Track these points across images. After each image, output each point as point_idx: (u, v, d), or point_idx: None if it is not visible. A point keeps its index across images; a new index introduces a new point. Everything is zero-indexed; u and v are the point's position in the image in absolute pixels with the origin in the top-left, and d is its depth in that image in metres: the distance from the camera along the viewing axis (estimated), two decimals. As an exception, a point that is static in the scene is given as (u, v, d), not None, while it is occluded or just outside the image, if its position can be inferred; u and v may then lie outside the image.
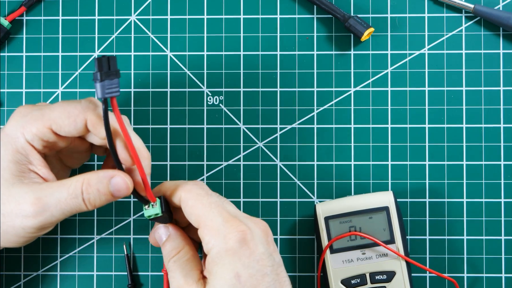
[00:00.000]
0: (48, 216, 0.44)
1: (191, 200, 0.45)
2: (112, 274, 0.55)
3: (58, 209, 0.44)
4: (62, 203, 0.44)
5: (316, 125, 0.56)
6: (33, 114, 0.45)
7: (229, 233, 0.44)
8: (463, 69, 0.55)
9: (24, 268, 0.56)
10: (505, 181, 0.55)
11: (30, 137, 0.44)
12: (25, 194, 0.44)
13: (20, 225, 0.44)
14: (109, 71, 0.42)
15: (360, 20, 0.54)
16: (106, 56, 0.42)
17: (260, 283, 0.44)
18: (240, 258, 0.43)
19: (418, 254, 0.55)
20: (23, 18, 0.56)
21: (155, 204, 0.46)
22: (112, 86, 0.42)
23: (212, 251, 0.44)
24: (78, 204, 0.44)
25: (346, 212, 0.52)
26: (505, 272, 0.55)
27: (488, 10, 0.54)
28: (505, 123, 0.55)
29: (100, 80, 0.42)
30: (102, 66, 0.42)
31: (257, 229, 0.45)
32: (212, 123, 0.56)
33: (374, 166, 0.55)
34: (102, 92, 0.42)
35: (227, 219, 0.44)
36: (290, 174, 0.55)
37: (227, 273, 0.43)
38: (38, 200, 0.43)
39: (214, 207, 0.45)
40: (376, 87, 0.55)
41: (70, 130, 0.45)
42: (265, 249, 0.45)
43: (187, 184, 0.46)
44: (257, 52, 0.56)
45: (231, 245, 0.43)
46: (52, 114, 0.45)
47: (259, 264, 0.44)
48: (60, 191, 0.44)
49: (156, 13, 0.56)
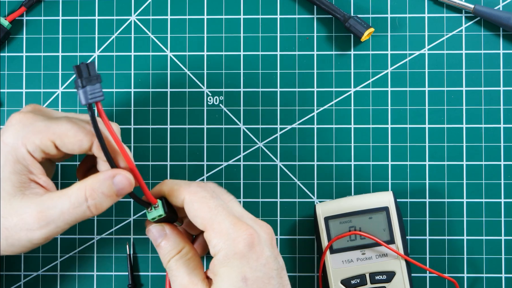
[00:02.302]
0: (53, 228, 0.43)
1: (196, 203, 0.45)
2: (112, 274, 0.56)
3: (62, 220, 0.43)
4: (66, 214, 0.43)
5: (316, 125, 0.56)
6: (36, 125, 0.44)
7: (238, 236, 0.44)
8: (463, 69, 0.55)
9: (24, 268, 0.56)
10: (505, 181, 0.55)
11: (32, 149, 0.43)
12: (28, 208, 0.43)
13: (26, 238, 0.43)
14: (89, 76, 0.41)
15: (360, 20, 0.54)
16: (84, 63, 0.41)
17: (266, 286, 0.44)
18: (248, 261, 0.43)
19: (418, 254, 0.55)
20: (23, 18, 0.56)
21: (157, 206, 0.46)
22: (95, 91, 0.42)
23: (220, 253, 0.44)
24: (82, 212, 0.43)
25: (346, 212, 0.52)
26: (505, 272, 0.55)
27: (488, 10, 0.54)
28: (505, 123, 0.55)
29: (81, 87, 0.41)
30: (82, 72, 0.41)
31: (263, 232, 0.45)
32: (212, 123, 0.56)
33: (374, 166, 0.55)
34: (86, 98, 0.41)
35: (235, 222, 0.44)
36: (290, 174, 0.55)
37: (235, 276, 0.43)
38: (41, 214, 0.43)
39: (220, 210, 0.44)
40: (376, 87, 0.55)
41: (73, 148, 0.44)
42: (270, 253, 0.45)
43: (191, 185, 0.46)
44: (257, 52, 0.56)
45: (240, 248, 0.43)
46: (57, 129, 0.43)
47: (266, 267, 0.44)
48: (62, 202, 0.43)
49: (156, 13, 0.56)
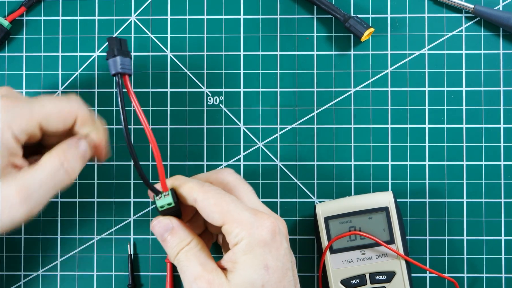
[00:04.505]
0: (35, 201, 0.43)
1: (212, 199, 0.45)
2: (112, 274, 0.56)
3: (43, 190, 0.44)
4: (44, 183, 0.44)
5: (316, 125, 0.56)
6: (21, 108, 0.44)
7: (260, 225, 0.44)
8: (463, 69, 0.55)
9: (24, 268, 0.56)
10: (505, 181, 0.55)
11: (18, 132, 0.44)
12: (7, 187, 0.43)
13: (8, 217, 0.43)
14: (121, 49, 0.42)
15: (360, 20, 0.54)
16: (117, 37, 0.42)
17: (284, 277, 0.44)
18: (270, 250, 0.44)
19: (418, 254, 0.55)
20: (23, 18, 0.56)
21: (167, 194, 0.45)
22: (125, 64, 0.42)
23: (242, 242, 0.43)
24: (60, 177, 0.44)
25: (346, 212, 0.52)
26: (505, 272, 0.55)
27: (488, 10, 0.54)
28: (505, 123, 0.55)
29: (113, 56, 0.42)
30: (115, 44, 0.42)
31: (280, 224, 0.46)
32: (212, 123, 0.56)
33: (374, 166, 0.55)
34: (116, 68, 0.42)
35: (255, 212, 0.44)
36: (290, 174, 0.55)
37: (257, 263, 0.43)
38: (21, 188, 0.43)
39: (238, 203, 0.45)
40: (376, 87, 0.55)
41: (59, 126, 0.45)
42: (287, 245, 0.45)
43: (203, 186, 0.46)
44: (257, 52, 0.56)
45: (263, 236, 0.43)
46: (42, 109, 0.44)
47: (285, 258, 0.44)
48: (39, 173, 0.44)
49: (156, 13, 0.56)
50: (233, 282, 0.43)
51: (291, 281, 0.45)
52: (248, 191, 0.48)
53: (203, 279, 0.44)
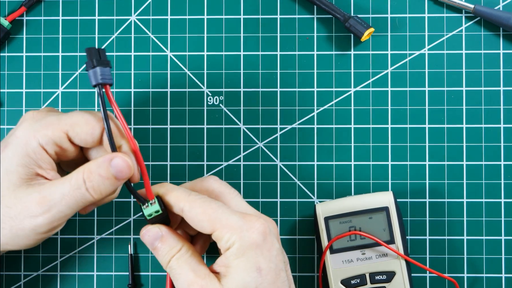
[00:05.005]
0: (56, 213, 0.43)
1: (198, 208, 0.45)
2: (112, 274, 0.56)
3: (64, 204, 0.43)
4: (66, 196, 0.43)
5: (316, 125, 0.56)
6: (48, 118, 0.45)
7: (250, 227, 0.44)
8: (463, 69, 0.55)
9: (24, 268, 0.56)
10: (505, 181, 0.55)
11: (45, 141, 0.44)
12: (30, 196, 0.43)
13: (30, 227, 0.44)
14: (100, 59, 0.42)
15: (360, 20, 0.54)
16: (96, 48, 0.42)
17: (277, 278, 0.44)
18: (262, 251, 0.44)
19: (418, 254, 0.55)
20: (23, 18, 0.56)
21: (154, 202, 0.46)
22: (105, 74, 0.42)
23: (234, 246, 0.43)
24: (82, 195, 0.43)
25: (346, 212, 0.52)
26: (505, 272, 0.55)
27: (488, 10, 0.54)
28: (505, 123, 0.55)
29: (92, 67, 0.42)
30: (94, 54, 0.42)
31: (270, 224, 0.46)
32: (212, 123, 0.56)
33: (374, 166, 0.55)
34: (96, 79, 0.42)
35: (243, 215, 0.45)
36: (290, 174, 0.55)
37: (249, 266, 0.43)
38: (43, 199, 0.43)
39: (225, 209, 0.45)
40: (376, 87, 0.55)
41: (86, 138, 0.44)
42: (279, 245, 0.45)
43: (190, 195, 0.46)
44: (257, 52, 0.56)
45: (254, 238, 0.44)
46: (69, 119, 0.44)
47: (277, 259, 0.44)
48: (63, 186, 0.43)
49: (156, 13, 0.56)
50: (226, 287, 0.43)
51: (285, 282, 0.45)
52: (234, 196, 0.48)
53: (197, 285, 0.44)
